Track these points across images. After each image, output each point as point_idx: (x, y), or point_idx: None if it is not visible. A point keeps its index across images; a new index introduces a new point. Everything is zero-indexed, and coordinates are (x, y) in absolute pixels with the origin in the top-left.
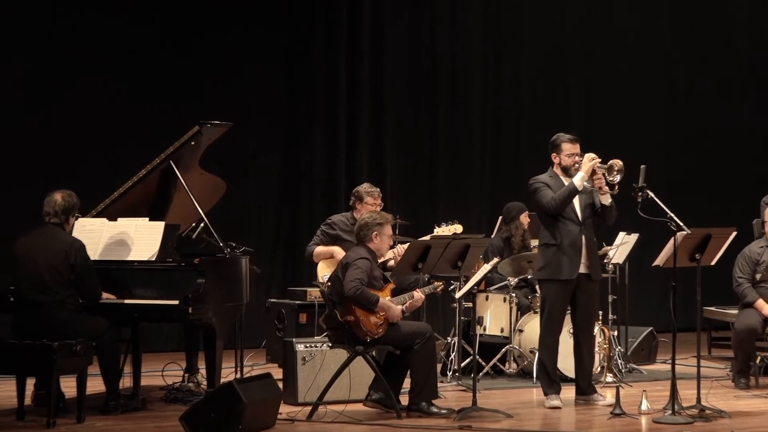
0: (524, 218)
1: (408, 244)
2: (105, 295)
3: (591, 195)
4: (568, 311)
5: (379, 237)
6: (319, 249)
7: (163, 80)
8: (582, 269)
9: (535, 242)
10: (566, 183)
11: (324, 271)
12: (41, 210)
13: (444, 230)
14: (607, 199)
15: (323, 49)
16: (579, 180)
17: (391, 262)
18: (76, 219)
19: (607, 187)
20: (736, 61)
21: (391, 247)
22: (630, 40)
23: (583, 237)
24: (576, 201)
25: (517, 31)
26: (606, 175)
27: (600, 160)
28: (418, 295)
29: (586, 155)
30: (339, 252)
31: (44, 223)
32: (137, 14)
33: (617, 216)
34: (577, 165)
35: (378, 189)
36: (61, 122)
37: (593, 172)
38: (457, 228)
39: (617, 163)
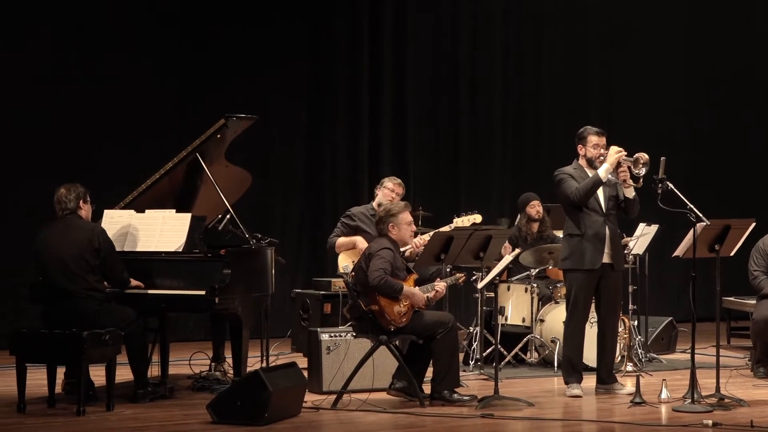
0: (530, 209)
1: (426, 234)
2: (133, 282)
3: (615, 188)
4: (593, 301)
5: (396, 227)
6: (342, 240)
7: (187, 73)
8: (605, 259)
9: (559, 233)
10: (590, 174)
11: (344, 262)
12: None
13: (464, 220)
14: (630, 193)
15: (347, 42)
16: (604, 171)
17: (408, 252)
18: (91, 205)
19: (631, 180)
20: (759, 50)
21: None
22: (651, 30)
23: (607, 228)
24: (600, 192)
25: (538, 21)
26: (632, 167)
27: (626, 153)
28: (441, 284)
29: (612, 147)
30: (361, 241)
31: (61, 218)
32: (161, 5)
33: (639, 210)
34: (601, 157)
35: (399, 180)
36: (85, 116)
37: (618, 165)
38: (477, 218)
39: (643, 156)
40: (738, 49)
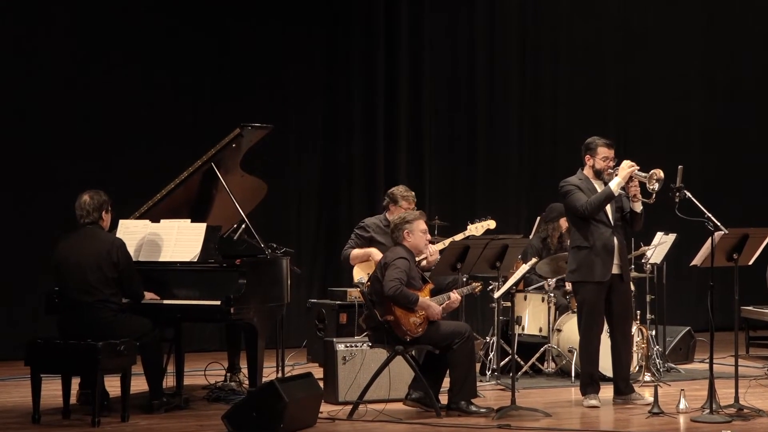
0: (564, 222)
1: (440, 243)
2: (148, 295)
3: (620, 199)
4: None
5: (411, 234)
6: (356, 252)
7: (201, 81)
8: (615, 270)
9: None
10: (596, 186)
11: (359, 275)
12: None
13: (477, 227)
14: (638, 207)
15: (362, 49)
16: (616, 185)
17: (424, 262)
18: (110, 214)
19: (640, 195)
20: None
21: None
22: (668, 38)
23: (615, 239)
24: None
25: (554, 29)
26: (646, 183)
27: (638, 167)
28: (455, 296)
29: (624, 161)
30: (375, 253)
31: (81, 226)
32: (177, 13)
33: (642, 225)
34: (610, 170)
35: (413, 193)
36: (99, 126)
37: (629, 179)
38: (490, 224)
39: (657, 172)
40: (756, 56)
